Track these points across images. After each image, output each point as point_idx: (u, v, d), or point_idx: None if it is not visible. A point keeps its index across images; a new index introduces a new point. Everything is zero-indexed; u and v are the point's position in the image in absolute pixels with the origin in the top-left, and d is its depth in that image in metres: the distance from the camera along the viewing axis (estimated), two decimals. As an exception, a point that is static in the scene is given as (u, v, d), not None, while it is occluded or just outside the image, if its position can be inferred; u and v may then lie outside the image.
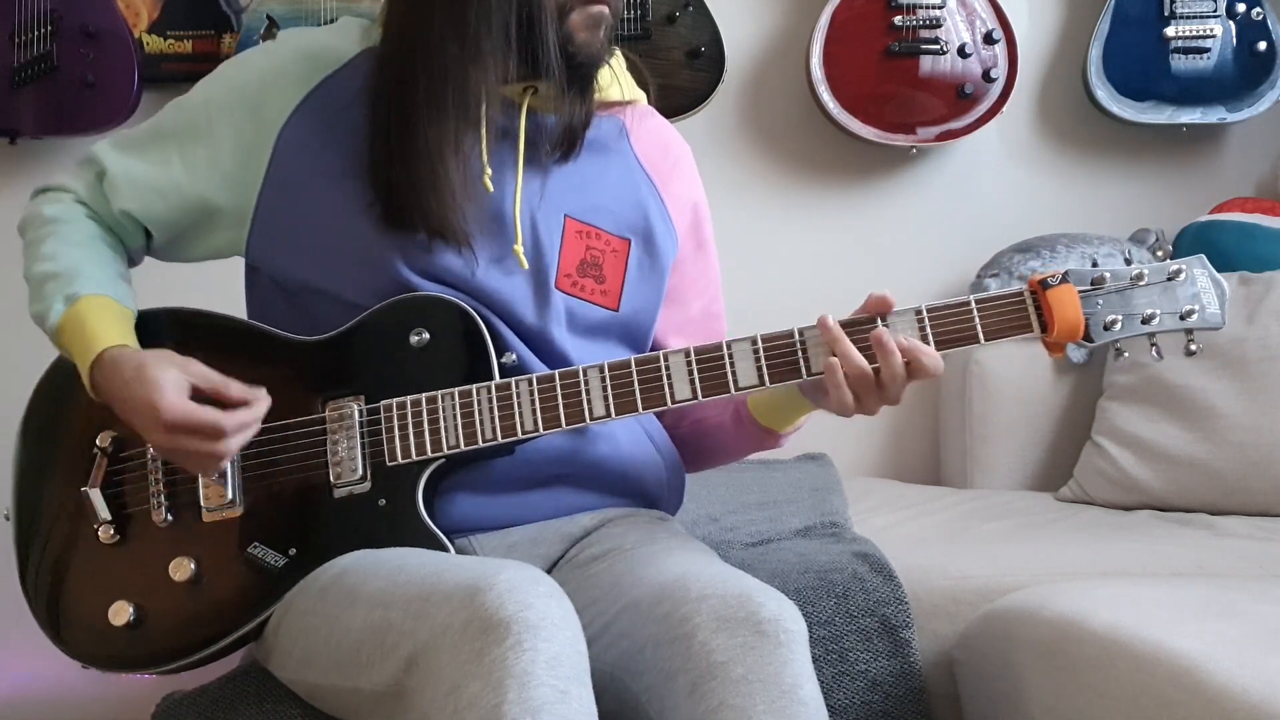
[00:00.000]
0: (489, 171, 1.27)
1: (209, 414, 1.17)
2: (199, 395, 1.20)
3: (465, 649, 0.98)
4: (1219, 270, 1.24)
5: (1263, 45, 2.35)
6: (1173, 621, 1.22)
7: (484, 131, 1.27)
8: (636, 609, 1.12)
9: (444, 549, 1.20)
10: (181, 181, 1.31)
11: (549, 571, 1.28)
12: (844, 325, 1.20)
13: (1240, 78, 2.36)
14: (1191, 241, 2.32)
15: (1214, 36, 2.35)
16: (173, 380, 1.18)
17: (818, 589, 1.46)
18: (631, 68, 1.40)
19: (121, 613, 1.24)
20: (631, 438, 1.33)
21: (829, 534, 1.72)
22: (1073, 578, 1.56)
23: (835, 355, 1.18)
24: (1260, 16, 2.35)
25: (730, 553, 1.64)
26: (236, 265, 1.38)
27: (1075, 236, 2.31)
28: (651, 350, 1.39)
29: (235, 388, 1.21)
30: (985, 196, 2.53)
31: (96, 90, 2.26)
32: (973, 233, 2.48)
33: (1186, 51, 2.36)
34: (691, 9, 2.33)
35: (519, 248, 1.28)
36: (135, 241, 1.36)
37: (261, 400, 1.21)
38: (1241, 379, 1.99)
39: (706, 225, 1.44)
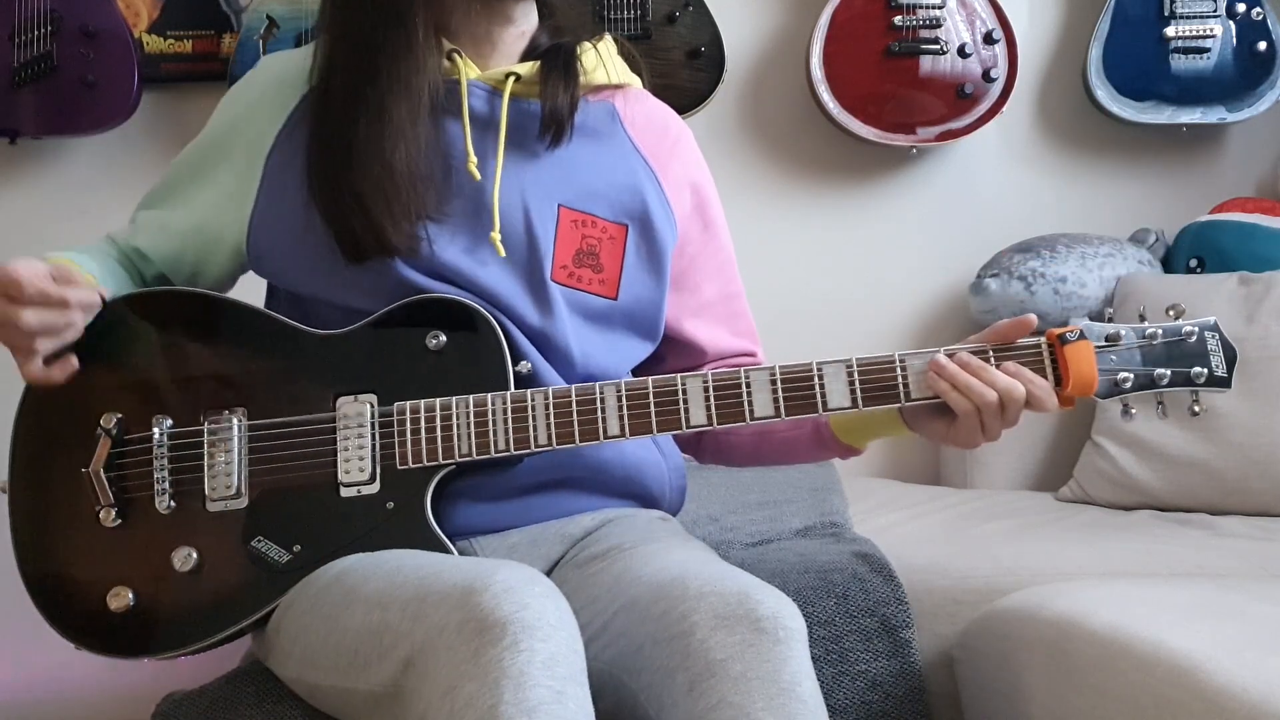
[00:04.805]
0: (474, 159, 1.27)
1: (26, 268, 1.17)
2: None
3: (461, 649, 0.98)
4: (1219, 270, 1.25)
5: (1263, 45, 2.35)
6: (1173, 621, 1.22)
7: (465, 119, 1.27)
8: (635, 607, 1.12)
9: (447, 553, 1.20)
10: (183, 215, 1.35)
11: (549, 572, 1.27)
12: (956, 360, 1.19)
13: (1240, 78, 2.36)
14: (1191, 241, 2.32)
15: (1214, 36, 2.35)
16: (43, 261, 1.20)
17: (818, 589, 1.46)
18: (624, 53, 1.39)
19: (120, 597, 1.23)
20: (635, 441, 1.32)
21: (829, 534, 1.72)
22: (1073, 578, 1.56)
23: (958, 391, 1.18)
24: (1260, 16, 2.35)
25: (730, 553, 1.64)
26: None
27: (1075, 236, 2.31)
28: (668, 338, 1.39)
29: (71, 292, 1.20)
30: (985, 196, 2.53)
31: (96, 90, 2.26)
32: (973, 233, 2.48)
33: (1186, 51, 2.36)
34: (691, 9, 2.33)
35: (495, 235, 1.27)
36: (149, 271, 1.39)
37: (78, 299, 1.20)
38: (1241, 379, 1.97)
39: (712, 206, 1.43)
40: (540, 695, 0.95)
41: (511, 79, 1.29)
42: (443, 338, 1.25)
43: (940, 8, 2.34)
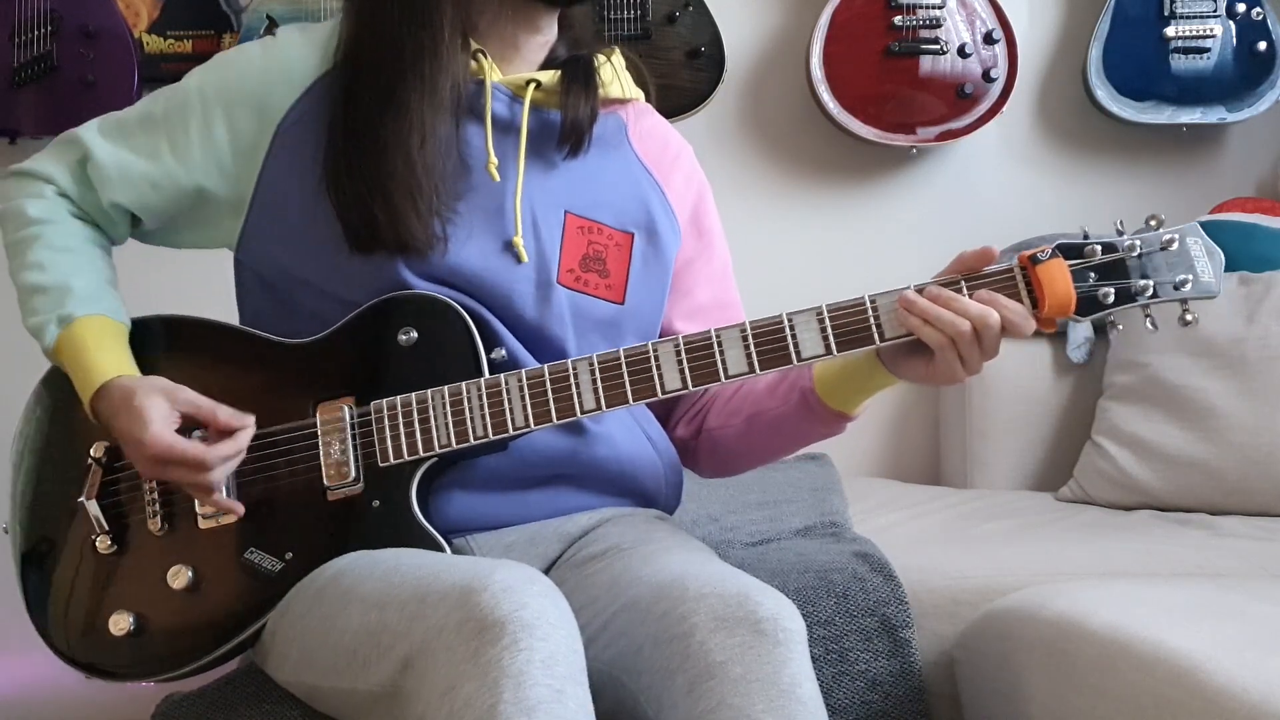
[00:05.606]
0: (494, 161, 1.27)
1: (193, 449, 1.18)
2: (189, 422, 1.20)
3: (460, 649, 0.98)
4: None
5: (1263, 45, 2.35)
6: (1173, 621, 1.22)
7: (488, 121, 1.27)
8: (635, 608, 1.12)
9: (440, 549, 1.20)
10: (174, 171, 1.30)
11: (547, 571, 1.27)
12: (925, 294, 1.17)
13: (1240, 78, 2.36)
14: (1192, 241, 2.32)
15: (1214, 36, 2.35)
16: (159, 412, 1.19)
17: (818, 589, 1.46)
18: (631, 67, 1.40)
19: (121, 622, 1.24)
20: (629, 437, 1.33)
21: (829, 534, 1.72)
22: (1073, 578, 1.56)
23: (930, 324, 1.15)
24: (1260, 16, 2.36)
25: (730, 553, 1.64)
26: (227, 268, 1.38)
27: (1075, 237, 2.31)
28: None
29: (223, 414, 1.21)
30: (985, 196, 2.53)
31: (96, 90, 2.26)
32: (973, 233, 2.47)
33: (1186, 51, 2.36)
34: (691, 9, 2.33)
35: (518, 239, 1.28)
36: (121, 231, 1.36)
37: (247, 428, 1.21)
38: (1241, 379, 1.99)
39: (709, 216, 1.44)
40: (540, 694, 0.95)
41: (533, 86, 1.30)
42: (414, 333, 1.25)
43: (940, 8, 2.34)
